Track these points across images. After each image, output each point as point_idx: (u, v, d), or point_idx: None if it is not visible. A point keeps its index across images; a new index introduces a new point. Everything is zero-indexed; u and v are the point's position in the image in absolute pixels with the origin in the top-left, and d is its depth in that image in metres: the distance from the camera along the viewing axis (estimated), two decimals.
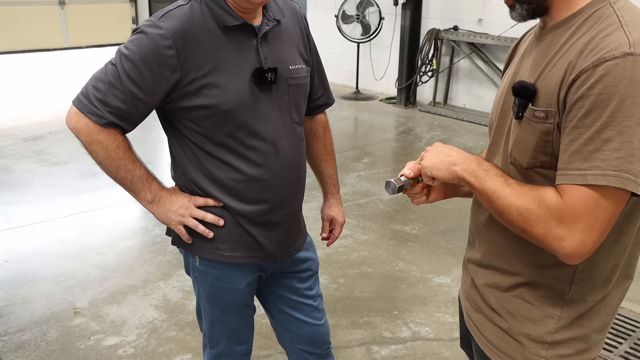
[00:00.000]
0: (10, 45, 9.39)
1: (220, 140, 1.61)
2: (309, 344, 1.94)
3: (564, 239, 1.08)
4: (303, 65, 1.73)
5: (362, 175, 5.09)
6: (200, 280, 1.77)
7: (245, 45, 1.60)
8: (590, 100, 1.05)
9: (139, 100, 1.54)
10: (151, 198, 1.64)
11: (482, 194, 1.19)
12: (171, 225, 1.67)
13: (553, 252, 1.11)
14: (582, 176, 1.05)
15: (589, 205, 1.06)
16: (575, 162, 1.06)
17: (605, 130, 1.03)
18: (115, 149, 1.57)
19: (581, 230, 1.07)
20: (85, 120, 1.54)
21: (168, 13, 1.55)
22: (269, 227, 1.72)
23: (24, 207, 4.38)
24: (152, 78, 1.52)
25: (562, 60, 1.12)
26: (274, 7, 1.68)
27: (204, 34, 1.55)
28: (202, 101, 1.56)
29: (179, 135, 1.65)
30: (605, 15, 1.11)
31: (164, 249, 3.73)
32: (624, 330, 2.92)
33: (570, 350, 1.24)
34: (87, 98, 1.55)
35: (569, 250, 1.08)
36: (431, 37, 7.05)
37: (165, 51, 1.51)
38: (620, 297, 1.27)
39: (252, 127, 1.61)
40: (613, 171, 1.03)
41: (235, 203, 1.66)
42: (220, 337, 1.84)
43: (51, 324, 3.00)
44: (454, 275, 3.49)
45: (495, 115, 1.34)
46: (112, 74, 1.53)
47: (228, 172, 1.63)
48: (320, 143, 1.96)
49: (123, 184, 1.62)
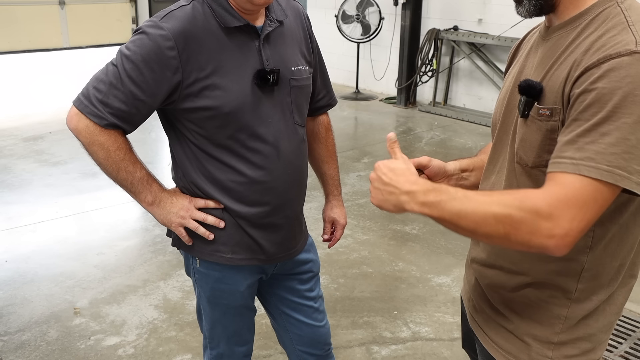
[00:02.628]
0: (10, 45, 9.38)
1: (222, 141, 1.60)
2: (309, 345, 1.93)
3: (552, 229, 1.04)
4: (305, 67, 1.72)
5: (362, 175, 5.09)
6: (201, 282, 1.76)
7: (248, 47, 1.59)
8: (593, 94, 1.04)
9: (140, 101, 1.53)
10: (152, 200, 1.63)
11: (446, 221, 1.12)
12: (171, 227, 1.66)
13: (539, 249, 1.07)
14: (575, 165, 1.04)
15: (580, 196, 1.03)
16: (568, 150, 1.05)
17: (603, 124, 1.03)
18: (116, 151, 1.56)
19: (569, 219, 1.03)
20: (85, 121, 1.53)
21: (170, 13, 1.54)
22: (270, 230, 1.71)
23: (24, 207, 4.38)
24: (154, 79, 1.51)
25: (569, 59, 1.12)
26: (276, 7, 1.67)
27: (206, 35, 1.54)
28: (203, 102, 1.55)
29: (180, 136, 1.65)
30: (613, 14, 1.11)
31: (164, 249, 3.72)
32: (624, 330, 2.92)
33: (576, 350, 1.24)
34: (88, 99, 1.54)
35: (556, 241, 1.05)
36: (431, 37, 7.05)
37: (167, 52, 1.50)
38: (625, 297, 1.27)
39: (253, 129, 1.60)
40: (607, 166, 1.02)
41: (236, 205, 1.65)
42: (220, 339, 1.84)
43: (51, 324, 3.00)
44: (454, 275, 3.49)
45: (499, 114, 1.33)
46: (113, 74, 1.52)
47: (229, 174, 1.63)
48: (322, 144, 1.95)
49: (123, 185, 1.61)
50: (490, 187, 1.33)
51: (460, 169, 1.52)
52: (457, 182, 1.52)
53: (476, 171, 1.51)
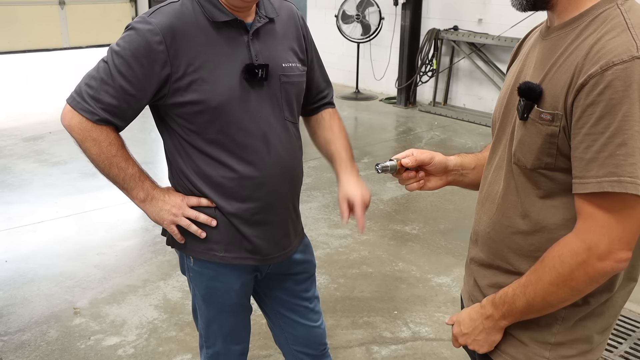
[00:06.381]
0: (10, 45, 9.38)
1: (211, 137, 1.61)
2: (304, 345, 1.94)
3: (600, 258, 1.09)
4: (297, 64, 1.72)
5: (362, 175, 5.06)
6: (195, 281, 1.78)
7: (237, 42, 1.61)
8: (602, 106, 1.05)
9: (130, 96, 1.55)
10: (143, 196, 1.64)
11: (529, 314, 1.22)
12: (163, 224, 1.67)
13: (606, 275, 1.12)
14: (599, 183, 1.06)
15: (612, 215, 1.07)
16: (592, 169, 1.07)
17: (618, 134, 1.04)
18: (107, 146, 1.58)
19: (608, 242, 1.08)
20: (78, 117, 1.56)
21: (158, 9, 1.58)
22: (262, 227, 1.71)
23: (24, 207, 4.38)
24: (143, 73, 1.53)
25: (568, 62, 1.12)
26: (267, 6, 1.68)
27: (194, 29, 1.57)
28: (192, 96, 1.57)
29: (172, 133, 1.66)
30: (612, 16, 1.10)
31: (164, 249, 3.72)
32: (624, 330, 2.92)
33: (573, 351, 1.24)
34: (80, 95, 1.56)
35: (611, 263, 1.09)
36: (431, 37, 7.05)
37: (155, 46, 1.52)
38: (624, 300, 1.27)
39: (242, 124, 1.61)
40: (630, 177, 1.03)
41: (227, 201, 1.66)
42: (216, 337, 1.85)
43: (51, 324, 3.00)
44: (454, 275, 3.49)
45: (498, 113, 1.33)
46: (103, 71, 1.55)
47: (219, 169, 1.64)
48: (327, 129, 1.89)
49: (116, 181, 1.63)
50: (489, 185, 1.34)
51: (461, 166, 1.52)
52: (456, 177, 1.52)
53: (478, 169, 1.51)
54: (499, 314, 1.24)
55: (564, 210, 1.17)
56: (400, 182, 1.50)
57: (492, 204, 1.30)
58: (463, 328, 1.32)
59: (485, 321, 1.27)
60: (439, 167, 1.48)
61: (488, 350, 1.30)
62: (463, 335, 1.32)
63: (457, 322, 1.34)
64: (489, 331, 1.27)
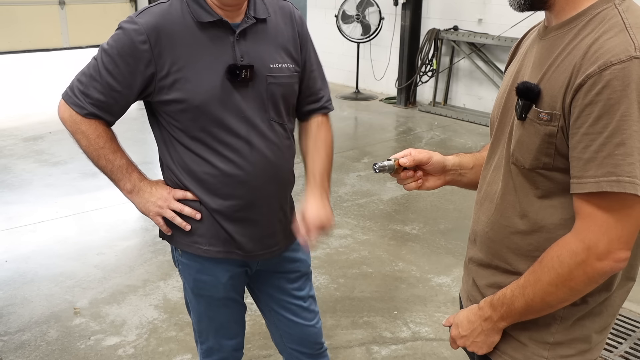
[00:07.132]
0: (10, 45, 9.38)
1: (195, 134, 1.65)
2: (299, 344, 1.95)
3: (599, 257, 1.09)
4: (290, 65, 1.72)
5: (362, 175, 5.09)
6: (184, 273, 1.82)
7: (222, 42, 1.63)
8: (600, 106, 1.05)
9: (116, 92, 1.62)
10: (130, 188, 1.70)
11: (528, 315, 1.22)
12: (149, 215, 1.73)
13: (606, 275, 1.12)
14: (597, 183, 1.06)
15: (611, 214, 1.07)
16: (590, 169, 1.07)
17: (616, 134, 1.04)
18: (95, 139, 1.65)
19: (607, 241, 1.08)
20: (69, 110, 1.65)
21: (147, 10, 1.63)
22: (244, 225, 1.73)
23: (24, 207, 4.38)
24: (129, 71, 1.60)
25: (566, 62, 1.12)
26: (259, 5, 1.69)
27: (180, 29, 1.60)
28: (175, 95, 1.61)
29: (161, 128, 1.71)
30: (610, 16, 1.10)
31: (164, 249, 3.72)
32: (624, 330, 2.92)
33: (571, 350, 1.24)
34: (72, 90, 1.66)
35: (610, 262, 1.09)
36: (431, 37, 7.05)
37: (140, 46, 1.58)
38: (622, 299, 1.27)
39: (225, 123, 1.64)
40: (628, 177, 1.04)
41: (210, 197, 1.69)
42: (208, 332, 1.88)
43: (51, 324, 3.00)
44: (454, 275, 3.49)
45: (497, 113, 1.33)
46: (93, 68, 1.63)
47: (203, 166, 1.67)
48: (310, 139, 1.85)
49: (104, 172, 1.71)
50: (487, 185, 1.34)
51: (459, 166, 1.52)
52: (454, 177, 1.52)
53: (476, 168, 1.51)
54: (497, 316, 1.24)
55: (562, 210, 1.17)
56: (399, 181, 1.50)
57: (491, 204, 1.30)
58: (461, 330, 1.32)
59: (483, 323, 1.27)
60: (437, 166, 1.49)
61: (487, 352, 1.30)
62: (461, 338, 1.32)
63: (455, 324, 1.34)
64: (487, 333, 1.27)
